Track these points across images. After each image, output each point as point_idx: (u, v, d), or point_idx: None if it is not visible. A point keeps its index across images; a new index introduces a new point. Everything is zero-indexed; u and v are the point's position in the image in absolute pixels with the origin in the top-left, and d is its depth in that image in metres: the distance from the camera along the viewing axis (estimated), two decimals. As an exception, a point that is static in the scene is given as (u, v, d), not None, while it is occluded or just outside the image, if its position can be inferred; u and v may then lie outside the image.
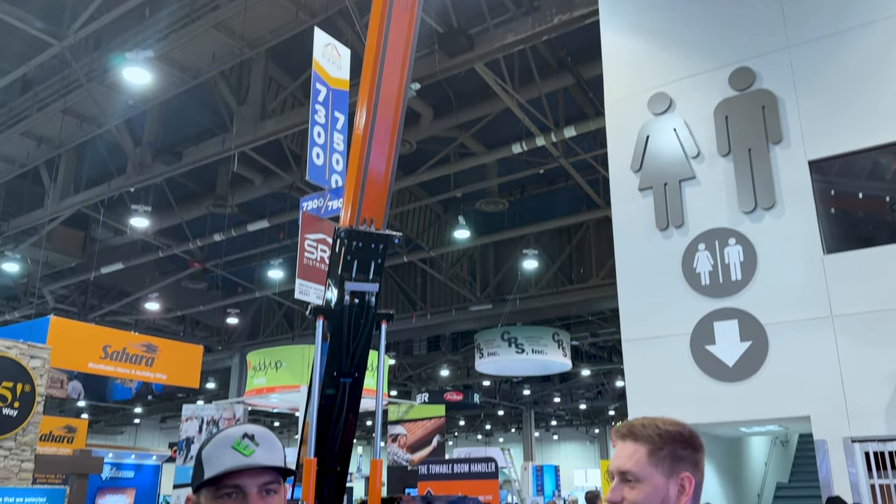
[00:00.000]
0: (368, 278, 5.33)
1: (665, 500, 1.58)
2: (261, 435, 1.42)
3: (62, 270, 17.85)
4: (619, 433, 1.67)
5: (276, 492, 1.39)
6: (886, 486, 7.11)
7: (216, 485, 1.35)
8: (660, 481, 1.59)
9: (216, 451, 1.38)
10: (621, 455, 1.64)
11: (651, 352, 8.67)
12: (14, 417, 8.37)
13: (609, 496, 1.63)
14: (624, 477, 1.61)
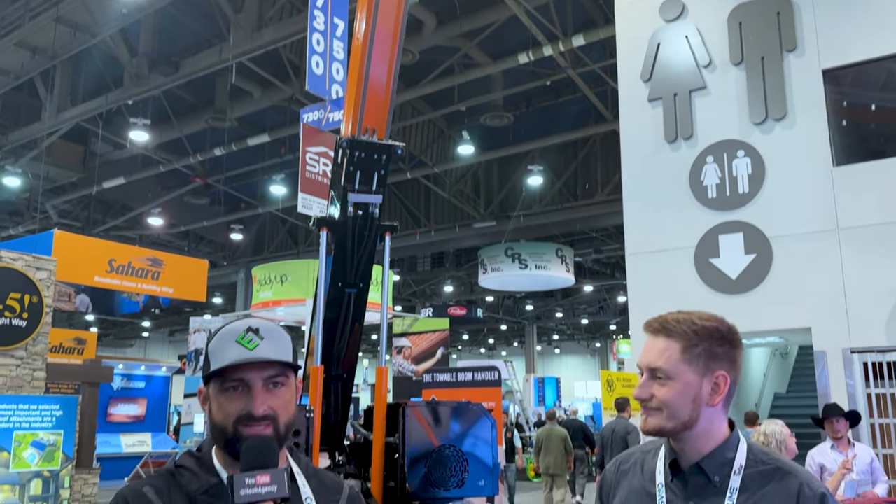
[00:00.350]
0: (371, 190, 5.26)
1: (697, 398, 1.51)
2: (265, 329, 1.39)
3: (64, 185, 17.78)
4: (651, 328, 1.58)
5: (283, 384, 1.38)
6: (883, 395, 7.24)
7: (221, 378, 1.36)
8: (692, 379, 1.51)
9: (221, 344, 1.38)
10: (652, 351, 1.55)
11: (654, 266, 8.69)
12: (23, 328, 8.48)
13: (637, 392, 1.56)
14: (654, 374, 1.54)
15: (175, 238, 21.83)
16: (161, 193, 18.70)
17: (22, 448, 8.03)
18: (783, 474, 1.50)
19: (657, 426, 1.53)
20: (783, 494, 1.47)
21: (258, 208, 19.31)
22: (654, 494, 1.55)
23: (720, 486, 1.49)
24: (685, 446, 1.54)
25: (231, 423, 1.33)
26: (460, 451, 4.58)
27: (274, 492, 1.20)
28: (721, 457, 1.52)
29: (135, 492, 1.34)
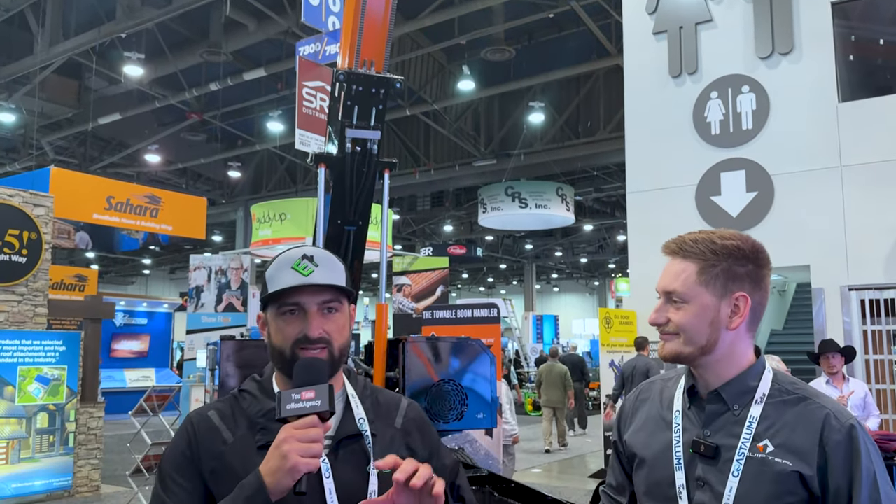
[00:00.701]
0: (370, 125, 5.17)
1: (715, 321, 1.43)
2: (320, 256, 1.44)
3: (59, 121, 17.56)
4: (669, 249, 1.50)
5: (337, 310, 1.43)
6: (878, 331, 7.30)
7: (278, 302, 1.41)
8: (709, 301, 1.43)
9: (277, 271, 1.43)
10: (668, 273, 1.48)
11: (655, 204, 8.65)
12: (23, 264, 8.50)
13: (652, 317, 1.49)
14: (669, 297, 1.46)
15: (173, 175, 21.68)
16: (158, 130, 18.48)
17: (27, 382, 8.15)
18: (808, 404, 1.40)
19: (674, 351, 1.46)
20: (807, 425, 1.37)
21: (256, 145, 19.12)
22: (670, 421, 1.49)
23: (739, 416, 1.42)
24: (705, 373, 1.46)
25: (289, 346, 1.39)
26: (459, 385, 4.63)
27: (318, 406, 1.24)
28: (742, 385, 1.44)
29: (201, 415, 1.43)
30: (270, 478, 1.22)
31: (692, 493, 1.41)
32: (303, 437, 1.22)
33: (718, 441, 1.41)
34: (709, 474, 1.41)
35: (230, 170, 20.80)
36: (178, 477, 1.37)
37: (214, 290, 14.84)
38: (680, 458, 1.44)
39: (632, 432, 1.57)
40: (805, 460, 1.34)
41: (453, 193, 23.62)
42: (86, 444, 8.86)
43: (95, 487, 8.88)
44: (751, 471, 1.36)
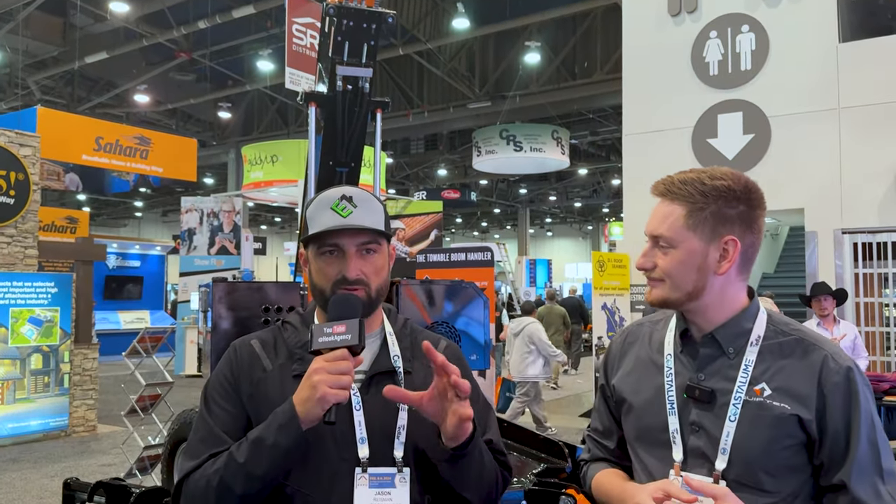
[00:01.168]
0: (361, 62, 5.05)
1: (703, 266, 1.38)
2: (359, 197, 1.45)
3: (45, 60, 17.17)
4: (657, 190, 1.44)
5: (375, 251, 1.45)
6: (870, 274, 7.34)
7: (318, 242, 1.44)
8: (697, 246, 1.37)
9: (317, 211, 1.45)
10: (655, 216, 1.42)
11: (651, 146, 8.56)
12: (11, 205, 8.40)
13: (639, 262, 1.45)
14: (657, 241, 1.41)
15: (163, 116, 21.34)
16: (146, 69, 18.09)
17: (19, 324, 8.15)
18: (806, 346, 1.37)
19: (661, 297, 1.42)
20: (804, 367, 1.34)
21: (246, 86, 18.78)
22: (661, 365, 1.45)
23: (734, 359, 1.38)
24: (695, 317, 1.42)
25: (329, 286, 1.42)
26: (453, 327, 4.64)
27: (348, 340, 1.27)
28: (737, 327, 1.40)
29: (244, 343, 1.49)
30: (301, 407, 1.27)
31: (686, 438, 1.38)
32: (332, 369, 1.26)
33: (713, 385, 1.37)
34: (704, 419, 1.37)
35: (220, 110, 20.47)
36: (220, 400, 1.43)
37: (207, 233, 14.78)
38: (673, 403, 1.40)
39: (620, 376, 1.53)
40: (803, 403, 1.32)
41: (447, 137, 23.37)
42: (81, 385, 8.92)
43: (92, 427, 8.98)
44: (748, 415, 1.33)
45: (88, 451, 7.93)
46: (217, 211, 14.76)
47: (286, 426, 1.27)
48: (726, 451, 1.33)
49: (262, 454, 1.28)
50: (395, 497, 1.37)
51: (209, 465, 1.34)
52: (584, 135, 21.51)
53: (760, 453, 1.32)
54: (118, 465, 6.96)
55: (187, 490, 1.35)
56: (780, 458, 1.32)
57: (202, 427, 1.42)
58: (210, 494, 1.31)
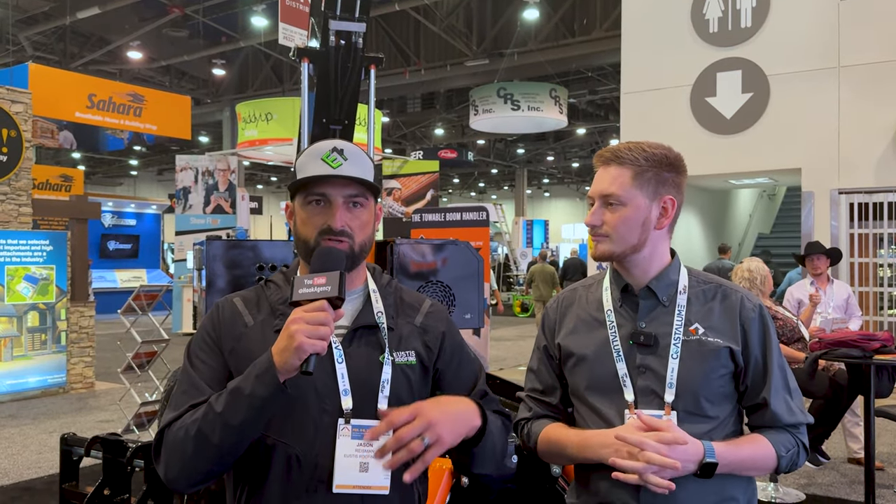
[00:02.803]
0: (354, 17, 4.95)
1: (646, 221, 1.59)
2: (350, 150, 1.45)
3: (36, 15, 16.86)
4: (603, 158, 1.62)
5: (362, 205, 1.45)
6: (865, 234, 7.34)
7: (305, 191, 1.43)
8: (643, 203, 1.58)
9: (307, 160, 1.44)
10: (604, 179, 1.60)
11: (649, 105, 8.49)
12: (4, 163, 8.34)
13: (589, 219, 1.62)
14: (606, 200, 1.59)
15: (156, 74, 21.06)
16: (139, 25, 17.79)
17: (15, 282, 8.16)
18: (724, 290, 1.62)
19: (607, 251, 1.61)
20: (726, 307, 1.59)
21: (240, 42, 18.49)
22: (602, 320, 1.63)
23: (668, 306, 1.59)
24: (634, 270, 1.62)
25: (313, 236, 1.41)
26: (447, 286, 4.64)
27: (327, 291, 1.27)
28: (667, 279, 1.62)
29: (227, 300, 1.50)
30: (279, 357, 1.26)
31: (635, 380, 1.56)
32: (311, 319, 1.25)
33: (654, 330, 1.57)
34: (649, 361, 1.56)
35: (214, 68, 20.19)
36: (202, 354, 1.44)
37: (202, 192, 14.72)
38: (619, 351, 1.58)
39: (564, 335, 1.69)
40: (732, 337, 1.56)
41: (444, 95, 23.13)
42: (78, 343, 8.97)
43: (90, 384, 9.05)
44: (688, 351, 1.54)
45: (86, 407, 8.01)
46: (212, 170, 14.67)
47: (263, 376, 1.27)
48: (673, 385, 1.53)
49: (239, 404, 1.27)
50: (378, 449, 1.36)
51: (189, 415, 1.34)
52: (582, 94, 21.31)
53: (701, 383, 1.53)
54: (116, 422, 7.04)
55: (167, 439, 1.35)
56: (716, 387, 1.55)
57: (185, 380, 1.42)
58: (188, 444, 1.30)
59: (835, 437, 5.72)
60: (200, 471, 1.33)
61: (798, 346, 5.03)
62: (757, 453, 1.54)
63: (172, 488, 1.37)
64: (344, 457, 1.36)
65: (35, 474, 5.58)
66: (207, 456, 1.30)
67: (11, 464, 5.85)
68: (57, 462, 3.77)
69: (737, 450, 1.51)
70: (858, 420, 5.47)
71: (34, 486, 5.34)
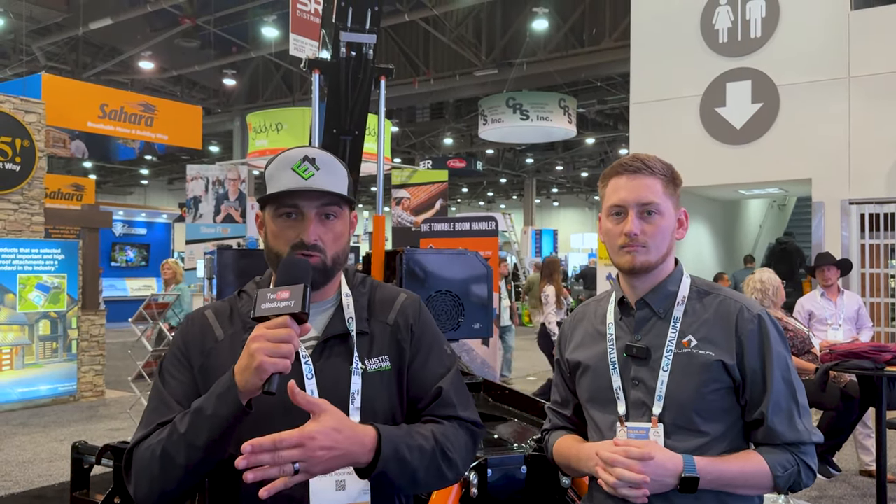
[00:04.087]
0: (365, 28, 4.99)
1: (673, 231, 1.61)
2: (322, 159, 1.39)
3: (49, 26, 17.05)
4: (632, 167, 1.58)
5: (336, 216, 1.40)
6: (876, 245, 7.31)
7: (276, 203, 1.38)
8: (673, 213, 1.60)
9: (277, 170, 1.38)
10: (639, 187, 1.56)
11: (659, 115, 8.49)
12: (17, 172, 8.41)
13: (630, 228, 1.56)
14: (645, 209, 1.56)
15: (167, 84, 21.22)
16: (150, 35, 17.95)
17: (27, 290, 8.21)
18: (722, 300, 1.58)
19: (646, 261, 1.57)
20: (723, 318, 1.55)
21: (250, 52, 18.63)
22: (604, 333, 1.64)
23: (665, 317, 1.58)
24: (645, 282, 1.61)
25: (286, 249, 1.36)
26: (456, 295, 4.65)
27: (290, 306, 1.21)
28: (664, 290, 1.60)
29: (198, 313, 1.46)
30: (240, 376, 1.21)
31: (628, 393, 1.56)
32: (272, 336, 1.19)
33: (648, 343, 1.57)
34: (641, 373, 1.56)
35: (225, 78, 20.33)
36: (173, 370, 1.40)
37: (212, 201, 14.78)
38: (615, 363, 1.59)
39: (572, 349, 1.71)
40: (725, 350, 1.51)
41: (453, 105, 23.19)
42: (89, 351, 9.01)
43: (100, 392, 9.09)
44: (679, 364, 1.52)
45: (96, 415, 8.04)
46: (222, 179, 14.74)
47: (224, 396, 1.22)
48: (661, 397, 1.52)
49: (202, 424, 1.23)
50: None
51: (155, 434, 1.30)
52: (591, 103, 21.32)
53: (691, 397, 1.50)
54: (126, 430, 7.06)
55: (136, 458, 1.32)
56: (709, 401, 1.51)
57: (155, 397, 1.39)
58: (154, 464, 1.27)
59: (846, 449, 5.68)
60: (168, 490, 1.28)
61: (808, 358, 5.01)
62: (746, 470, 1.47)
63: None
64: (318, 477, 1.28)
65: (46, 482, 5.60)
66: (174, 476, 1.26)
67: (22, 472, 5.87)
68: (67, 470, 3.79)
69: (723, 466, 1.46)
70: (870, 432, 5.43)
71: (45, 494, 5.36)
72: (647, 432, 1.52)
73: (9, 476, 5.76)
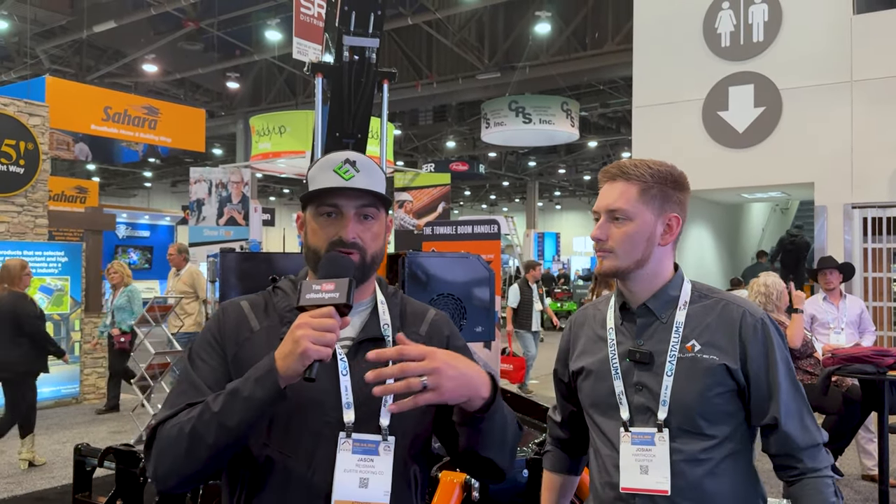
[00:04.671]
0: (368, 32, 5.00)
1: (651, 237, 1.59)
2: (362, 162, 1.44)
3: (53, 29, 17.11)
4: (609, 174, 1.63)
5: (374, 217, 1.45)
6: (879, 249, 7.30)
7: (317, 202, 1.43)
8: (649, 219, 1.59)
9: (319, 172, 1.44)
10: (611, 194, 1.61)
11: (661, 118, 8.50)
12: (21, 175, 8.44)
13: (595, 233, 1.62)
14: (612, 215, 1.59)
15: (171, 86, 21.28)
16: (154, 38, 18.01)
17: (30, 292, 8.22)
18: (725, 304, 1.59)
19: (612, 267, 1.60)
20: (726, 323, 1.55)
21: (254, 55, 18.67)
22: (605, 338, 1.64)
23: (666, 323, 1.58)
24: (636, 286, 1.62)
25: (325, 246, 1.41)
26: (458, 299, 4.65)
27: (335, 298, 1.26)
28: (665, 295, 1.61)
29: (233, 304, 1.49)
30: (282, 361, 1.24)
31: (631, 398, 1.57)
32: (317, 325, 1.23)
33: (651, 348, 1.57)
34: (645, 378, 1.56)
35: (228, 81, 20.38)
36: (204, 355, 1.42)
37: (216, 204, 14.80)
38: (617, 369, 1.59)
39: (576, 357, 1.71)
40: (729, 354, 1.52)
41: (456, 108, 23.21)
42: (91, 353, 9.03)
43: (103, 395, 9.10)
44: (683, 369, 1.52)
45: (98, 418, 8.05)
46: (226, 182, 14.76)
47: (263, 379, 1.24)
48: (666, 402, 1.52)
49: (236, 405, 1.25)
50: (378, 465, 1.35)
51: (184, 413, 1.31)
52: (594, 107, 21.32)
53: (696, 401, 1.51)
54: (128, 433, 7.07)
55: (160, 436, 1.32)
56: (714, 405, 1.51)
57: (184, 379, 1.40)
58: (182, 441, 1.28)
59: (848, 454, 5.67)
60: (191, 470, 1.29)
61: (810, 362, 5.00)
62: None
63: (160, 487, 1.34)
64: (344, 471, 1.33)
65: (48, 484, 5.62)
66: (200, 455, 1.27)
67: (24, 474, 5.89)
68: (70, 472, 3.80)
69: None
70: (872, 436, 5.42)
71: (47, 496, 5.37)
72: (653, 437, 1.52)
73: (11, 478, 5.78)
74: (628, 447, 1.55)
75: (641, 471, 1.52)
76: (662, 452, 1.51)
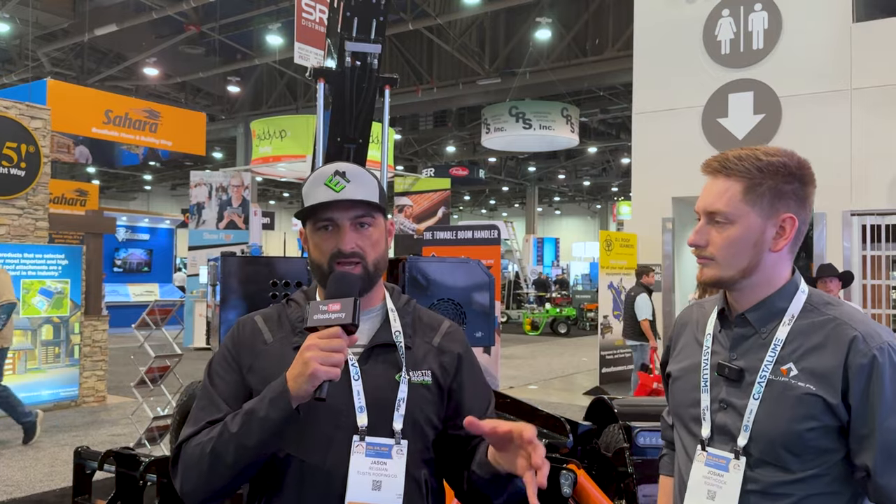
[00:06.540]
0: (370, 38, 5.02)
1: (759, 242, 1.37)
2: (352, 172, 1.46)
3: (55, 32, 17.15)
4: (710, 168, 1.41)
5: (370, 224, 1.46)
6: (877, 257, 7.31)
7: (313, 218, 1.46)
8: (755, 222, 1.36)
9: (312, 187, 1.46)
10: (711, 192, 1.39)
11: (661, 125, 8.52)
12: (22, 177, 8.45)
13: (692, 238, 1.42)
14: (712, 218, 1.39)
15: (172, 90, 21.32)
16: (155, 42, 18.05)
17: (30, 295, 8.23)
18: (837, 324, 1.34)
19: (714, 276, 1.41)
20: (833, 346, 1.32)
21: (255, 60, 18.72)
22: (702, 344, 1.48)
23: (765, 339, 1.38)
24: (741, 296, 1.42)
25: (326, 260, 1.43)
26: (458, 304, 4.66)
27: (342, 318, 1.29)
28: (770, 306, 1.40)
29: (248, 318, 1.54)
30: (293, 382, 1.28)
31: (714, 415, 1.41)
32: (325, 346, 1.27)
33: (743, 364, 1.39)
34: (732, 396, 1.39)
35: (229, 84, 20.42)
36: (221, 371, 1.48)
37: (216, 207, 14.83)
38: (707, 381, 1.43)
39: (674, 357, 1.58)
40: (829, 385, 1.30)
41: (456, 113, 23.26)
42: (91, 356, 9.03)
43: (102, 397, 9.10)
44: (772, 394, 1.34)
45: (98, 421, 8.04)
46: (226, 185, 14.79)
47: (276, 400, 1.29)
48: (748, 428, 1.35)
49: (253, 426, 1.30)
50: (391, 468, 1.38)
51: (206, 432, 1.37)
52: (593, 113, 21.38)
53: (782, 432, 1.32)
54: (127, 436, 7.07)
55: (184, 455, 1.39)
56: (805, 439, 1.31)
57: (204, 397, 1.46)
58: (204, 461, 1.34)
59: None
60: (215, 487, 1.36)
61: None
62: None
63: (188, 501, 1.40)
64: (357, 473, 1.37)
65: (47, 487, 5.61)
66: (222, 473, 1.34)
67: (24, 476, 5.88)
68: (69, 475, 3.80)
69: None
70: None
71: (46, 499, 5.37)
72: (728, 464, 1.37)
73: (10, 480, 5.78)
74: (700, 467, 1.41)
75: (708, 495, 1.39)
76: (734, 481, 1.36)
